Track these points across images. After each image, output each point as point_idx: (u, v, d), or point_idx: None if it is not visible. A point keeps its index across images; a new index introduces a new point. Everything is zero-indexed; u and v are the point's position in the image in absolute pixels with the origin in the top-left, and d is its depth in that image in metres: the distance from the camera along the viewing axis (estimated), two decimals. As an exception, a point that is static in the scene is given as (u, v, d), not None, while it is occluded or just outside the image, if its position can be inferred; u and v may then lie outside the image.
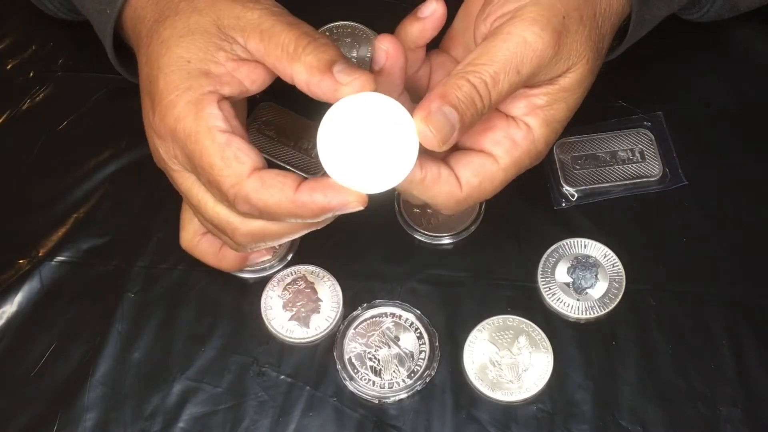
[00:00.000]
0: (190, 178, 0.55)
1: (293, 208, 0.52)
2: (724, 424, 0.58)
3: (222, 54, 0.53)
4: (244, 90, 0.55)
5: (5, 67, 0.72)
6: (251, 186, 0.52)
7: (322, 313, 0.62)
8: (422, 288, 0.63)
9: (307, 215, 0.53)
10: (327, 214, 0.53)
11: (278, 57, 0.53)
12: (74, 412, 0.59)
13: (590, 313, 0.61)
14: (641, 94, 0.69)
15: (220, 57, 0.53)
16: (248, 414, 0.59)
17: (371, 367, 0.60)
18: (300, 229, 0.56)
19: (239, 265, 0.62)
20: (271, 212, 0.52)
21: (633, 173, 0.66)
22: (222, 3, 0.54)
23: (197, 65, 0.53)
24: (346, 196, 0.52)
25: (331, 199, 0.52)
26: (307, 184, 0.52)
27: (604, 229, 0.64)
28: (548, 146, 0.57)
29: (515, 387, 0.59)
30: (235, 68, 0.54)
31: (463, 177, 0.55)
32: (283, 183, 0.52)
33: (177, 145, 0.53)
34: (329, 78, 0.52)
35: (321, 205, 0.52)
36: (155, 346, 0.61)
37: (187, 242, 0.61)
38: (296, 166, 0.67)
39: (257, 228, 0.54)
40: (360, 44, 0.71)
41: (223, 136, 0.52)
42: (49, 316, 0.62)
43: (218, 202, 0.54)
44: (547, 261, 0.63)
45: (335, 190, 0.52)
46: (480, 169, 0.55)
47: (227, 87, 0.53)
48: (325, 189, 0.52)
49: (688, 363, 0.60)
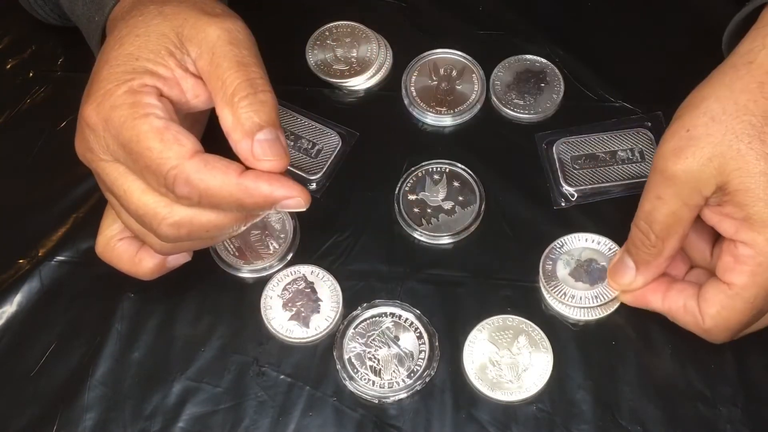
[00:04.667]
0: (118, 168, 0.53)
1: (236, 192, 0.51)
2: (724, 424, 0.58)
3: (172, 60, 0.53)
4: (185, 102, 0.54)
5: (5, 67, 0.72)
6: (193, 167, 0.51)
7: (321, 312, 0.62)
8: (422, 288, 0.63)
9: (248, 203, 0.52)
10: (268, 206, 0.52)
11: (215, 90, 0.53)
12: (74, 412, 0.59)
13: (590, 313, 0.61)
14: (641, 94, 0.69)
15: (170, 62, 0.53)
16: (248, 414, 0.59)
17: (371, 366, 0.60)
18: (229, 225, 0.54)
19: (155, 270, 0.60)
20: (211, 195, 0.51)
21: (633, 173, 0.66)
22: (190, 12, 0.54)
23: (144, 63, 0.53)
24: (292, 191, 0.52)
25: (275, 190, 0.51)
26: (253, 172, 0.52)
27: (604, 229, 0.64)
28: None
29: (515, 387, 0.59)
30: (182, 77, 0.54)
31: (704, 308, 0.56)
32: (227, 166, 0.51)
33: (110, 134, 0.52)
34: (247, 143, 0.52)
35: (264, 195, 0.51)
36: (155, 346, 0.61)
37: (101, 246, 0.60)
38: (296, 166, 0.67)
39: (185, 218, 0.53)
40: (360, 44, 0.71)
41: (160, 121, 0.51)
42: (49, 316, 0.62)
43: (148, 190, 0.53)
44: (547, 258, 0.63)
45: (281, 182, 0.52)
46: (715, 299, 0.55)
47: (169, 90, 0.53)
48: (271, 179, 0.51)
49: (688, 363, 0.60)
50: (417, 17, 0.73)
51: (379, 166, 0.67)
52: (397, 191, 0.66)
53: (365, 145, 0.68)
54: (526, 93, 0.70)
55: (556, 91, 0.69)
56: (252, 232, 0.65)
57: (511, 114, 0.69)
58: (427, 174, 0.67)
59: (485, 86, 0.70)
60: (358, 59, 0.71)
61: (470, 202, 0.65)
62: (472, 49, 0.71)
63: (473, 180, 0.66)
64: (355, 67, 0.70)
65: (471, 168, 0.66)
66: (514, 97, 0.69)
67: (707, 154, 0.52)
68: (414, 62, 0.71)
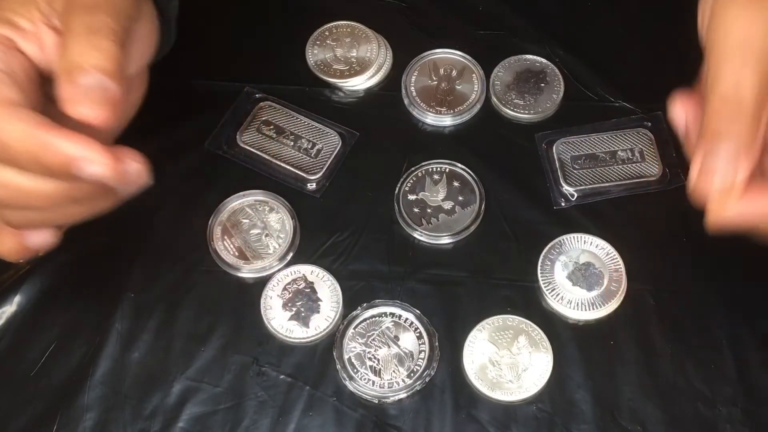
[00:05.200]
0: None
1: (32, 145, 0.46)
2: (724, 424, 0.58)
3: (37, 13, 0.51)
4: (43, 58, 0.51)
5: (5, 67, 0.72)
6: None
7: (321, 312, 0.62)
8: (422, 288, 0.63)
9: (44, 159, 0.46)
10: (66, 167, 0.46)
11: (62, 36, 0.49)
12: (74, 412, 0.59)
13: (590, 313, 0.61)
14: (641, 94, 0.69)
15: (35, 15, 0.51)
16: (248, 414, 0.59)
17: (371, 366, 0.60)
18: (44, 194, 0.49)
19: (18, 250, 0.55)
20: (9, 148, 0.47)
21: (633, 173, 0.66)
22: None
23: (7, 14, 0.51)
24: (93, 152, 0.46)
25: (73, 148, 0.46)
26: (56, 126, 0.46)
27: (604, 229, 0.64)
28: None
29: (515, 387, 0.59)
30: (44, 31, 0.51)
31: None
32: (35, 119, 0.47)
33: None
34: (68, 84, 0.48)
35: (63, 152, 0.46)
36: (155, 346, 0.61)
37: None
38: (296, 166, 0.67)
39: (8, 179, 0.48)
40: (360, 44, 0.71)
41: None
42: (49, 316, 0.62)
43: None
44: (546, 258, 0.63)
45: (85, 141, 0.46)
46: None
47: (26, 44, 0.51)
48: (74, 136, 0.46)
49: (688, 363, 0.60)
50: (417, 17, 0.74)
51: (379, 166, 0.67)
52: (397, 191, 0.66)
53: (365, 145, 0.68)
54: (526, 93, 0.70)
55: (556, 91, 0.69)
56: (252, 232, 0.65)
57: (511, 114, 0.69)
58: (427, 174, 0.67)
59: (485, 86, 0.70)
60: (358, 59, 0.71)
61: (470, 202, 0.65)
62: (472, 49, 0.71)
63: (473, 180, 0.66)
64: (355, 67, 0.70)
65: (471, 168, 0.66)
66: (514, 97, 0.69)
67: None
68: (414, 62, 0.71)
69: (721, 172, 0.46)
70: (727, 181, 0.46)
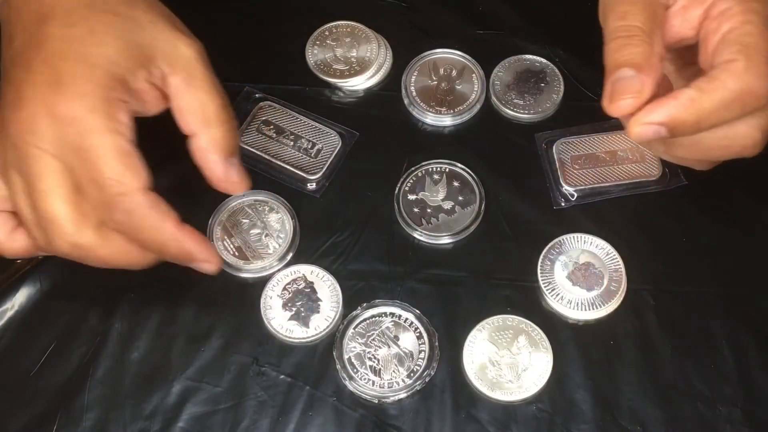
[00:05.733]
0: (52, 163, 0.52)
1: (167, 239, 0.54)
2: (724, 424, 0.58)
3: (143, 72, 0.54)
4: (140, 113, 0.55)
5: (5, 67, 0.72)
6: (141, 201, 0.53)
7: (321, 312, 0.62)
8: (422, 288, 0.63)
9: (171, 251, 0.55)
10: (184, 260, 0.56)
11: (192, 110, 0.55)
12: (74, 412, 0.59)
13: (590, 313, 0.61)
14: (641, 93, 0.69)
15: (141, 75, 0.54)
16: (248, 414, 0.59)
17: (371, 366, 0.60)
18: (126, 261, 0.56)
19: (28, 251, 0.58)
20: (143, 232, 0.53)
21: (633, 173, 0.66)
22: (163, 24, 0.55)
23: (122, 72, 0.53)
24: (211, 257, 0.57)
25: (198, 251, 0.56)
26: (188, 227, 0.55)
27: (604, 229, 0.64)
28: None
29: (515, 387, 0.59)
30: (146, 90, 0.54)
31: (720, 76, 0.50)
32: (168, 212, 0.54)
33: (74, 132, 0.51)
34: (224, 165, 0.56)
35: (188, 251, 0.55)
36: (155, 346, 0.61)
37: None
38: (296, 166, 0.67)
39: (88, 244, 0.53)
40: (360, 44, 0.71)
41: (128, 144, 0.53)
42: (49, 316, 0.62)
43: (68, 200, 0.52)
44: (546, 258, 0.63)
45: (206, 246, 0.56)
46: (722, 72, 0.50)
47: (136, 103, 0.54)
48: (199, 240, 0.56)
49: (688, 363, 0.60)
50: (417, 17, 0.73)
51: (379, 166, 0.67)
52: (397, 191, 0.66)
53: (365, 145, 0.68)
54: (526, 93, 0.70)
55: (556, 91, 0.69)
56: (252, 232, 0.65)
57: (510, 114, 0.69)
58: (426, 174, 0.67)
59: (485, 86, 0.70)
60: (357, 59, 0.71)
61: (470, 202, 0.65)
62: (472, 49, 0.71)
63: (473, 180, 0.66)
64: (354, 67, 0.70)
65: (471, 168, 0.66)
66: (513, 97, 0.69)
67: None
68: (414, 62, 0.71)
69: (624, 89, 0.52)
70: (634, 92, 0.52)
